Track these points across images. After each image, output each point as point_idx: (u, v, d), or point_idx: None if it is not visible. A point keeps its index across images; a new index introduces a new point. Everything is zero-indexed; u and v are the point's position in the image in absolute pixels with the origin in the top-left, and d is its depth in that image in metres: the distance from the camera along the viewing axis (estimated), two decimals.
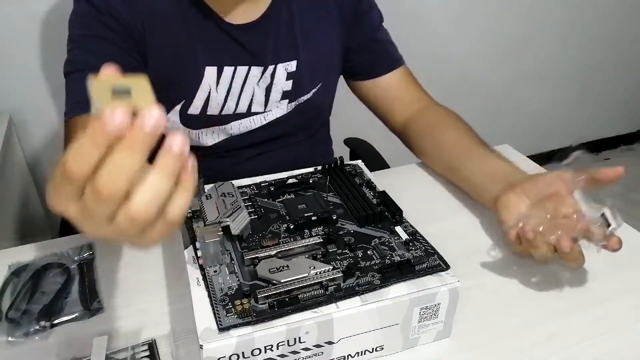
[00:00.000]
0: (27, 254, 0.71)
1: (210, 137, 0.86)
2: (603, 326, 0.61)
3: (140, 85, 0.33)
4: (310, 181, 0.70)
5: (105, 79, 0.32)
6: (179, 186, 0.34)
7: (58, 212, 0.35)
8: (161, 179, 0.32)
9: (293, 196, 0.68)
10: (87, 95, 0.33)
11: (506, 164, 0.75)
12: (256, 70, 0.82)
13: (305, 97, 0.89)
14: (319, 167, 0.73)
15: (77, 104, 0.73)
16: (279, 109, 0.87)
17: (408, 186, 0.85)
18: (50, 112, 1.41)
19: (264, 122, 0.87)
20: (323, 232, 0.60)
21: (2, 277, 0.67)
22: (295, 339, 0.50)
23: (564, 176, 0.65)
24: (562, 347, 0.58)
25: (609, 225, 0.60)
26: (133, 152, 0.31)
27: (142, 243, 0.36)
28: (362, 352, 0.55)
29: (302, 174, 0.72)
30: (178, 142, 0.32)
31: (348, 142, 1.23)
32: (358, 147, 1.22)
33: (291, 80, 0.85)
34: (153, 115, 0.31)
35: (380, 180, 0.71)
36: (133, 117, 0.31)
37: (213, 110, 0.82)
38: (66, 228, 0.83)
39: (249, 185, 0.70)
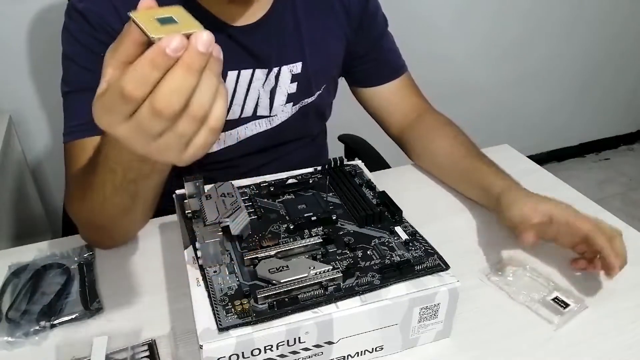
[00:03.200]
0: (27, 254, 0.71)
1: (215, 144, 0.84)
2: (603, 326, 0.61)
3: (181, 14, 0.37)
4: (310, 181, 0.70)
5: (147, 12, 0.36)
6: (216, 93, 0.37)
7: (106, 130, 0.38)
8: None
9: (293, 196, 0.68)
10: (88, 118, 0.35)
11: (491, 177, 0.76)
12: (260, 73, 0.81)
13: (309, 100, 0.88)
14: (319, 168, 0.73)
15: (78, 127, 0.71)
16: (284, 112, 0.86)
17: (408, 186, 0.85)
18: (50, 112, 1.41)
19: (270, 127, 0.86)
20: (323, 232, 0.60)
21: (2, 277, 0.67)
22: (295, 339, 0.50)
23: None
24: (561, 347, 0.58)
25: (565, 305, 0.62)
26: (190, 73, 0.35)
27: (188, 154, 0.39)
28: (361, 352, 0.55)
29: (302, 174, 0.72)
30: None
31: (342, 138, 1.23)
32: (352, 143, 1.22)
33: (296, 83, 0.84)
34: (204, 37, 0.35)
35: (380, 180, 0.71)
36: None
37: None
38: (67, 228, 0.83)
39: (248, 186, 0.70)
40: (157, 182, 0.60)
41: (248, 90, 0.81)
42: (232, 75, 0.79)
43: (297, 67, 0.84)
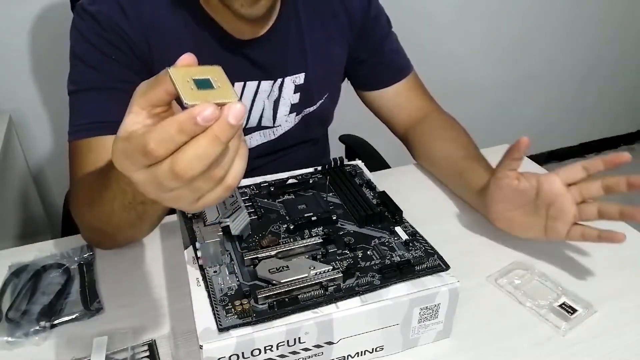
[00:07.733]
0: (27, 254, 0.71)
1: None
2: (603, 326, 0.61)
3: (219, 77, 0.36)
4: (310, 181, 0.70)
5: (185, 70, 0.35)
6: (236, 154, 0.37)
7: (121, 172, 0.38)
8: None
9: (293, 196, 0.68)
10: (94, 118, 0.34)
11: (488, 176, 0.75)
12: (266, 85, 0.81)
13: (312, 109, 0.88)
14: (319, 168, 0.73)
15: (84, 126, 0.71)
16: (287, 122, 0.86)
17: (408, 186, 0.85)
18: (50, 112, 1.41)
19: (274, 137, 0.87)
20: (323, 233, 0.60)
21: (2, 277, 0.67)
22: (295, 339, 0.50)
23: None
24: (562, 347, 0.58)
25: (573, 311, 0.62)
26: (216, 143, 0.34)
27: (199, 206, 0.39)
28: (362, 352, 0.55)
29: (302, 174, 0.72)
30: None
31: (343, 138, 1.24)
32: (353, 144, 1.22)
33: (299, 93, 0.84)
34: (237, 109, 0.34)
35: (380, 180, 0.71)
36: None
37: None
38: (67, 228, 0.83)
39: (249, 186, 0.70)
40: (165, 207, 0.60)
41: (253, 101, 0.82)
42: (237, 86, 0.79)
43: (300, 78, 0.84)
